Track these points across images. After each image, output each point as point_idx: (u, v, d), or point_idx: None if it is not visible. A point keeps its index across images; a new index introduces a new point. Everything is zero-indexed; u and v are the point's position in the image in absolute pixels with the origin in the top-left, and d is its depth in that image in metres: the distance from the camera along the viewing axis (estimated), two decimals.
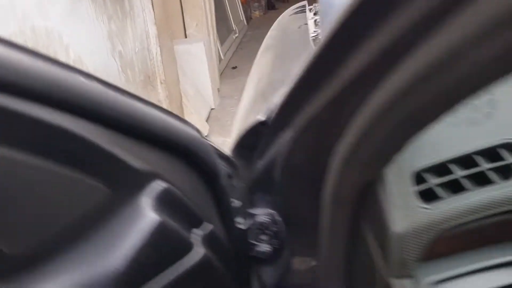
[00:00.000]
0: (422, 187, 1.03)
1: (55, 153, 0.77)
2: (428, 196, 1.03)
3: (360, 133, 0.97)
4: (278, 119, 1.28)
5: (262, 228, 1.62)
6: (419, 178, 1.05)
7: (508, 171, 1.03)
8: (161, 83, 4.43)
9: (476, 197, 1.00)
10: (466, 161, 1.06)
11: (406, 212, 1.01)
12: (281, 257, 1.57)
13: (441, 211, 0.99)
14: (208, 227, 1.16)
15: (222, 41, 8.23)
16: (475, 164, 1.04)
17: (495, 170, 1.04)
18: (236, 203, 1.67)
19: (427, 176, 1.05)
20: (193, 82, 5.90)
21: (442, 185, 1.05)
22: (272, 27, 2.75)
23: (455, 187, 1.04)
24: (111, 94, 0.97)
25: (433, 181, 1.03)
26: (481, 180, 1.02)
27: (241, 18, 10.73)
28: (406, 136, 0.86)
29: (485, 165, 1.04)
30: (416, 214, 1.00)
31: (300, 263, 1.51)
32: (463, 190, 1.01)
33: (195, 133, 1.22)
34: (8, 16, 3.30)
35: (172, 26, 5.59)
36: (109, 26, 4.03)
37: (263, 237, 1.64)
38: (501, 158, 1.04)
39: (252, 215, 1.61)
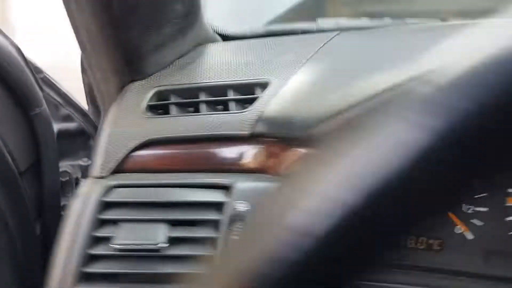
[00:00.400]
0: (159, 102, 1.00)
1: None
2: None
3: None
4: None
5: None
6: (163, 96, 1.02)
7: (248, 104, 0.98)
8: None
9: (194, 119, 0.96)
10: (218, 91, 1.03)
11: (126, 118, 0.97)
12: None
13: (156, 123, 0.95)
14: None
15: None
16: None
17: (239, 102, 1.00)
18: (86, 161, 1.63)
19: (170, 95, 1.02)
20: None
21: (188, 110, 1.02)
22: None
23: None
24: None
25: (172, 99, 1.00)
26: None
27: None
28: None
29: (230, 96, 1.00)
30: (134, 121, 0.96)
31: None
32: None
33: (8, 46, 1.22)
34: None
35: None
36: None
37: None
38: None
39: None
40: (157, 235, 0.86)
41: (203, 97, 1.05)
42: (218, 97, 1.05)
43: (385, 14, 1.36)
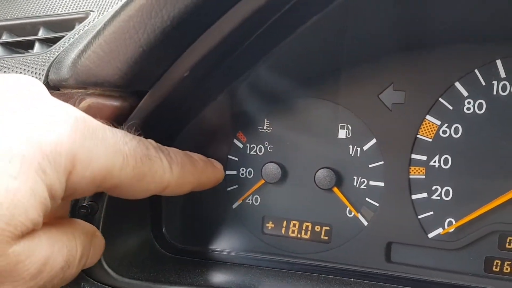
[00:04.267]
0: None
1: None
2: None
3: None
4: None
5: None
6: None
7: None
8: None
9: None
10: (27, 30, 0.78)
11: None
12: None
13: None
14: None
15: None
16: None
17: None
18: None
19: None
20: None
21: None
22: None
23: None
24: None
25: None
26: None
27: None
28: None
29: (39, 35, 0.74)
30: None
31: None
32: None
33: None
34: None
35: None
36: None
37: None
38: None
39: None
40: None
41: (4, 37, 0.80)
42: (25, 36, 0.81)
43: None
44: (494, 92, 0.80)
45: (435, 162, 0.83)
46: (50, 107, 0.53)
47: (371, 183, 0.85)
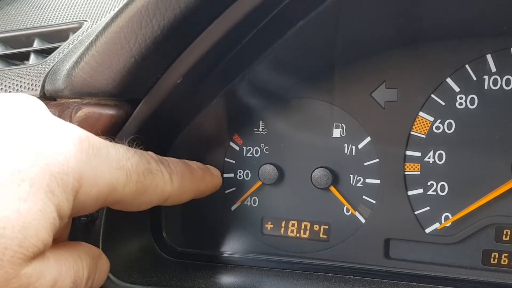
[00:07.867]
0: None
1: None
2: None
3: None
4: None
5: None
6: None
7: None
8: None
9: None
10: (21, 42, 0.78)
11: None
12: None
13: None
14: None
15: None
16: None
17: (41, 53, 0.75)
18: None
19: None
20: None
21: None
22: None
23: None
24: None
25: None
26: None
27: None
28: None
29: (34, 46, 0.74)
30: None
31: None
32: None
33: None
34: None
35: None
36: None
37: None
38: None
39: None
40: None
41: (0, 50, 0.81)
42: (21, 48, 0.81)
43: None
44: (486, 87, 0.81)
45: (429, 158, 0.84)
46: (54, 127, 0.54)
47: (367, 180, 0.86)
